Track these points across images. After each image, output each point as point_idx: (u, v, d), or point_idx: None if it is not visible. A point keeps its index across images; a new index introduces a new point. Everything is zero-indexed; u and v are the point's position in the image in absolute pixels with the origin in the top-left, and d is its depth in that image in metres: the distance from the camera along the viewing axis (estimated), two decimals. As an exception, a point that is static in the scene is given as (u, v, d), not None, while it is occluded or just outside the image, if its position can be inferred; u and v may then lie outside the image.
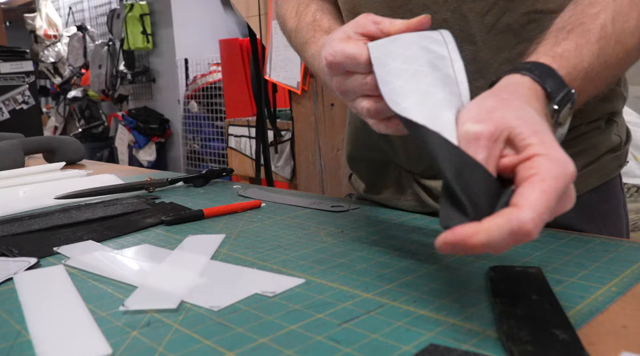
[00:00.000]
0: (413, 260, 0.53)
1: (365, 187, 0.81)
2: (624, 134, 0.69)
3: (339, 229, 0.65)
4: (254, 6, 2.62)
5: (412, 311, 0.41)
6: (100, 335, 0.39)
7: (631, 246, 0.54)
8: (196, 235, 0.65)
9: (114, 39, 4.56)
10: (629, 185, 1.63)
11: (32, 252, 0.60)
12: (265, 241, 0.62)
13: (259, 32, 2.62)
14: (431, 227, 0.65)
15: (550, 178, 0.34)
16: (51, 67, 5.60)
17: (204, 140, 4.07)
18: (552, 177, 0.34)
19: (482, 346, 0.35)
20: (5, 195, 0.96)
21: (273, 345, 0.37)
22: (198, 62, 4.19)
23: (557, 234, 0.59)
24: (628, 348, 0.34)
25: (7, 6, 6.73)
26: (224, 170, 1.02)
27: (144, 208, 0.79)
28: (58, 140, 1.36)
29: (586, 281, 0.45)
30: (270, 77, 2.48)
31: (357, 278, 0.49)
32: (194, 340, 0.38)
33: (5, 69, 3.36)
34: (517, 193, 0.35)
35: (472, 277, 0.48)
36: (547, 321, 0.37)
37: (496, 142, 0.37)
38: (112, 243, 0.64)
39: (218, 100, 3.93)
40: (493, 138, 0.37)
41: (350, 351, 0.36)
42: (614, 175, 0.68)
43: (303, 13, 0.69)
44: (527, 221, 0.33)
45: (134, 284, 0.49)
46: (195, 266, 0.54)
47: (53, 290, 0.49)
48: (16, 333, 0.41)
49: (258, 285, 0.48)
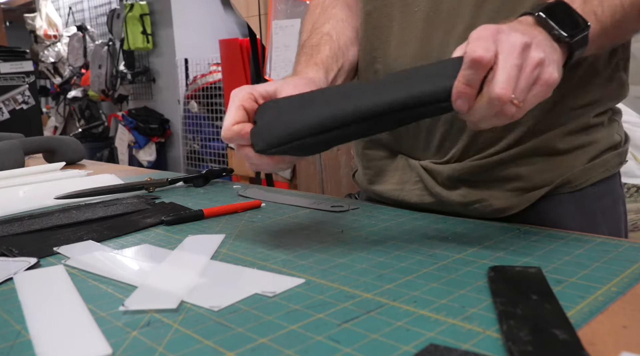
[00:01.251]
0: (413, 260, 0.53)
1: (369, 179, 0.80)
2: (624, 135, 0.72)
3: (339, 229, 0.65)
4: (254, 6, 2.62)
5: (412, 311, 0.41)
6: (100, 335, 0.39)
7: (631, 246, 0.54)
8: (196, 235, 0.65)
9: (114, 39, 4.56)
10: (629, 185, 1.63)
11: (32, 252, 0.60)
12: (265, 241, 0.62)
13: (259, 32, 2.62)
14: (431, 226, 0.65)
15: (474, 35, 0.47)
16: (51, 67, 5.59)
17: (204, 140, 4.06)
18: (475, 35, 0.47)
19: (482, 346, 0.35)
20: (5, 195, 0.96)
21: (273, 345, 0.37)
22: (198, 62, 4.18)
23: (557, 234, 0.59)
24: (628, 348, 0.34)
25: (7, 6, 6.73)
26: (224, 170, 1.02)
27: (144, 208, 0.79)
28: (58, 140, 1.36)
29: (586, 281, 0.45)
30: (270, 77, 2.48)
31: (357, 278, 0.49)
32: (194, 340, 0.38)
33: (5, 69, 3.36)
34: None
35: (472, 277, 0.48)
36: (547, 321, 0.37)
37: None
38: (112, 243, 0.64)
39: (218, 100, 3.92)
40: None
41: (350, 351, 0.36)
42: (615, 171, 0.70)
43: (316, 32, 0.73)
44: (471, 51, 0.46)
45: (134, 284, 0.49)
46: (195, 266, 0.54)
47: (53, 290, 0.49)
48: (16, 333, 0.41)
49: (258, 285, 0.48)
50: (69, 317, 0.43)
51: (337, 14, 0.76)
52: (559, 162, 0.66)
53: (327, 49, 0.71)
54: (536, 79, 0.47)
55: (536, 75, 0.47)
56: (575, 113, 0.66)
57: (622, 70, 0.69)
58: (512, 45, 0.46)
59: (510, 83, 0.45)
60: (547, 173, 0.66)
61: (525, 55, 0.46)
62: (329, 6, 0.77)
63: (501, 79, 0.45)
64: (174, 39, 4.18)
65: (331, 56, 0.70)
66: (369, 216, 0.71)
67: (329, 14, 0.76)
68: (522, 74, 0.46)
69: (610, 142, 0.69)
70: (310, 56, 0.70)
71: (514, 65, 0.46)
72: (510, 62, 0.46)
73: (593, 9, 0.54)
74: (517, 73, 0.46)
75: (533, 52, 0.47)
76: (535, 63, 0.47)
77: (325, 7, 0.77)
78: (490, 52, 0.46)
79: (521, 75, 0.46)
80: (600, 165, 0.68)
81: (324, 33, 0.73)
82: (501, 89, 0.45)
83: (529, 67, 0.46)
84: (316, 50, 0.71)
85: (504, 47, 0.46)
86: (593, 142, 0.67)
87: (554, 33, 0.50)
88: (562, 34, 0.50)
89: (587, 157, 0.67)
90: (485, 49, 0.46)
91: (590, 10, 0.54)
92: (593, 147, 0.67)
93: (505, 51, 0.46)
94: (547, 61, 0.47)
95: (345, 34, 0.74)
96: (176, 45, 4.18)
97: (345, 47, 0.73)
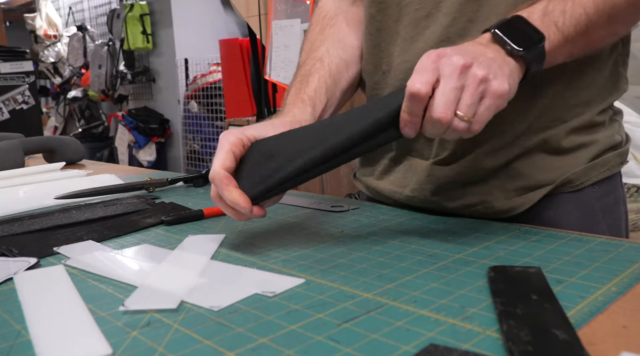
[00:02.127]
0: (413, 260, 0.53)
1: (372, 177, 0.80)
2: (625, 136, 0.72)
3: (339, 229, 0.65)
4: (254, 6, 2.62)
5: (412, 311, 0.41)
6: (100, 335, 0.39)
7: (631, 246, 0.54)
8: (196, 235, 0.65)
9: (114, 39, 4.56)
10: (629, 185, 1.64)
11: (32, 252, 0.60)
12: (265, 241, 0.62)
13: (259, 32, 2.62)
14: (431, 226, 0.65)
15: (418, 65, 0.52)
16: (51, 67, 5.59)
17: (204, 140, 4.07)
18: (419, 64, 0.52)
19: (482, 346, 0.35)
20: (5, 195, 0.96)
21: (273, 345, 0.37)
22: (198, 62, 4.19)
23: (557, 234, 0.59)
24: (628, 348, 0.34)
25: (7, 6, 6.73)
26: (224, 170, 1.02)
27: (144, 208, 0.79)
28: (58, 140, 1.36)
29: (586, 281, 0.45)
30: (270, 77, 2.48)
31: (357, 278, 0.49)
32: (194, 340, 0.38)
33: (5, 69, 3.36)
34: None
35: (472, 277, 0.48)
36: (547, 321, 0.37)
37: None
38: (112, 243, 0.64)
39: (218, 100, 3.92)
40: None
41: (350, 351, 0.36)
42: (616, 170, 0.70)
43: (310, 56, 0.77)
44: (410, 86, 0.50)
45: (134, 284, 0.49)
46: (195, 266, 0.54)
47: (53, 290, 0.49)
48: (16, 333, 0.41)
49: (258, 285, 0.48)
50: (69, 317, 0.43)
51: (334, 34, 0.78)
52: (561, 161, 0.66)
53: (315, 80, 0.73)
54: (483, 93, 0.50)
55: (482, 90, 0.50)
56: (577, 110, 0.66)
57: (621, 66, 0.70)
58: (452, 68, 0.50)
59: (448, 105, 0.50)
60: (549, 173, 0.66)
61: (466, 74, 0.50)
62: (327, 25, 0.79)
63: (439, 103, 0.50)
64: (174, 39, 4.18)
65: (319, 87, 0.73)
66: (369, 216, 0.71)
67: (326, 34, 0.79)
68: (466, 92, 0.50)
69: (612, 142, 0.69)
70: (299, 90, 0.73)
71: (453, 88, 0.50)
72: (450, 86, 0.50)
73: (554, 19, 0.56)
74: (457, 94, 0.50)
75: (474, 69, 0.50)
76: (479, 80, 0.50)
77: (324, 25, 0.80)
78: (428, 84, 0.50)
79: (465, 94, 0.50)
80: (601, 164, 0.68)
81: (316, 59, 0.76)
82: (439, 113, 0.50)
83: (472, 85, 0.50)
84: (305, 82, 0.73)
85: (445, 71, 0.50)
86: (594, 142, 0.68)
87: (507, 48, 0.53)
88: (515, 48, 0.53)
89: (588, 156, 0.67)
90: (422, 83, 0.50)
91: (550, 21, 0.56)
92: (594, 146, 0.68)
93: (446, 75, 0.50)
94: (492, 75, 0.50)
95: (338, 56, 0.76)
96: (176, 45, 4.18)
97: (337, 73, 0.76)
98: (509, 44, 0.53)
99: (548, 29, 0.55)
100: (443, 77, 0.50)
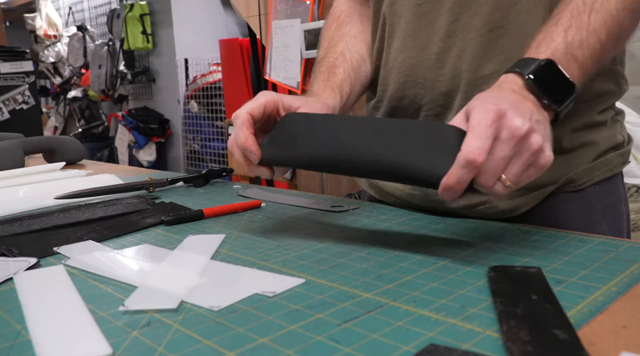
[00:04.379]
0: (413, 260, 0.53)
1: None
2: (627, 136, 0.73)
3: (339, 229, 0.65)
4: (254, 6, 2.62)
5: (412, 311, 0.41)
6: (100, 335, 0.39)
7: (631, 246, 0.54)
8: (196, 235, 0.65)
9: (114, 39, 4.56)
10: (629, 185, 1.64)
11: (32, 252, 0.60)
12: (265, 241, 0.62)
13: (259, 32, 2.62)
14: (431, 227, 0.65)
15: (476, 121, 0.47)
16: (51, 67, 5.59)
17: (204, 140, 4.06)
18: (477, 120, 0.47)
19: (482, 346, 0.35)
20: (5, 195, 0.96)
21: (273, 345, 0.37)
22: (198, 62, 4.18)
23: (557, 234, 0.59)
24: (628, 348, 0.34)
25: (7, 6, 6.73)
26: (224, 170, 1.02)
27: (144, 208, 0.79)
28: (58, 140, 1.36)
29: (586, 281, 0.45)
30: (270, 77, 2.48)
31: (357, 278, 0.49)
32: (194, 340, 0.38)
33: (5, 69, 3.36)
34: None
35: (472, 277, 0.48)
36: (547, 321, 0.37)
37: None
38: (112, 243, 0.64)
39: (218, 100, 3.92)
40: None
41: (350, 351, 0.36)
42: (617, 170, 0.70)
43: (331, 51, 0.78)
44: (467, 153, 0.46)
45: (134, 284, 0.49)
46: (195, 266, 0.54)
47: (53, 290, 0.49)
48: (16, 333, 0.41)
49: (258, 285, 0.48)
50: (69, 317, 0.43)
51: (349, 31, 0.80)
52: (563, 160, 0.66)
53: (341, 72, 0.75)
54: (532, 162, 0.48)
55: (532, 161, 0.48)
56: (578, 107, 0.66)
57: (619, 64, 0.70)
58: (510, 135, 0.46)
59: (497, 174, 0.47)
60: (552, 172, 0.66)
61: (522, 143, 0.47)
62: (343, 22, 0.82)
63: (488, 170, 0.47)
64: (174, 39, 4.18)
65: (345, 78, 0.75)
66: (369, 216, 0.71)
67: (342, 31, 0.81)
68: (518, 160, 0.47)
69: (614, 142, 0.69)
70: (327, 79, 0.74)
71: (505, 158, 0.47)
72: (503, 154, 0.47)
73: (574, 53, 0.54)
74: (508, 161, 0.47)
75: (533, 139, 0.47)
76: (533, 150, 0.47)
77: (340, 23, 0.82)
78: (485, 151, 0.46)
79: (516, 161, 0.47)
80: (603, 164, 0.68)
81: (338, 53, 0.78)
82: (485, 180, 0.47)
83: (525, 154, 0.47)
84: (332, 72, 0.75)
85: (503, 135, 0.47)
86: (597, 141, 0.68)
87: (544, 102, 0.51)
88: (553, 106, 0.51)
89: (590, 156, 0.68)
90: (480, 149, 0.46)
91: (571, 57, 0.54)
92: (597, 146, 0.68)
93: (504, 140, 0.47)
94: (546, 145, 0.48)
95: (357, 52, 0.78)
96: (176, 45, 4.18)
97: (357, 66, 0.78)
98: (546, 99, 0.51)
99: (570, 66, 0.54)
100: (500, 141, 0.47)
